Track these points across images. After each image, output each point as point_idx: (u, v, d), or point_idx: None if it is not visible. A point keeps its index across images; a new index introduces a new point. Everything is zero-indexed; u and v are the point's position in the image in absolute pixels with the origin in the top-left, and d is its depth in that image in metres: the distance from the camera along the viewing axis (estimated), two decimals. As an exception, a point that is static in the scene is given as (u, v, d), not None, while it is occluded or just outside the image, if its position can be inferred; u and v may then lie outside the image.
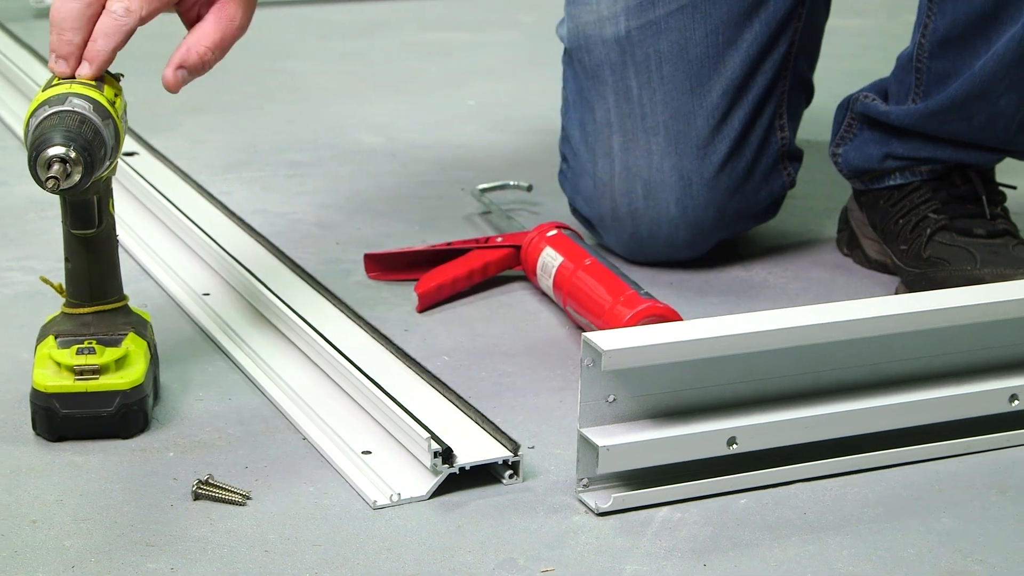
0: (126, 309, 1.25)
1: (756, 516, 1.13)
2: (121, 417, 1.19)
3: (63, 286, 1.24)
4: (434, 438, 1.14)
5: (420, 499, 1.13)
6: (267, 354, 1.34)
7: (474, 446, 1.16)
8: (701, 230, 1.58)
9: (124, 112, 1.21)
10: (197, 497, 1.12)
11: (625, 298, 1.36)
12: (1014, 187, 1.60)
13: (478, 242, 1.56)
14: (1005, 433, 1.24)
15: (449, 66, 2.50)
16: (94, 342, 1.20)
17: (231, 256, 1.50)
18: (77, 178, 1.11)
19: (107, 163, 1.15)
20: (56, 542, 1.06)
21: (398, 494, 1.12)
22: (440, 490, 1.14)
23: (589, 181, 1.61)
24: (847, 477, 1.18)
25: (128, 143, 1.83)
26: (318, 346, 1.30)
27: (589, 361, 1.10)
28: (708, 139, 1.56)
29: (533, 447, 1.21)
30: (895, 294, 1.54)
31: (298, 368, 1.32)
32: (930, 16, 1.51)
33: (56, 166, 1.10)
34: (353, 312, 1.40)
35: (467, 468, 1.14)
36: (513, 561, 1.06)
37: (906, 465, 1.20)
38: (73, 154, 1.10)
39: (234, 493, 1.12)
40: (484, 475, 1.16)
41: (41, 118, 1.12)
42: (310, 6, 2.91)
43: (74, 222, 1.20)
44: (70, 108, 1.13)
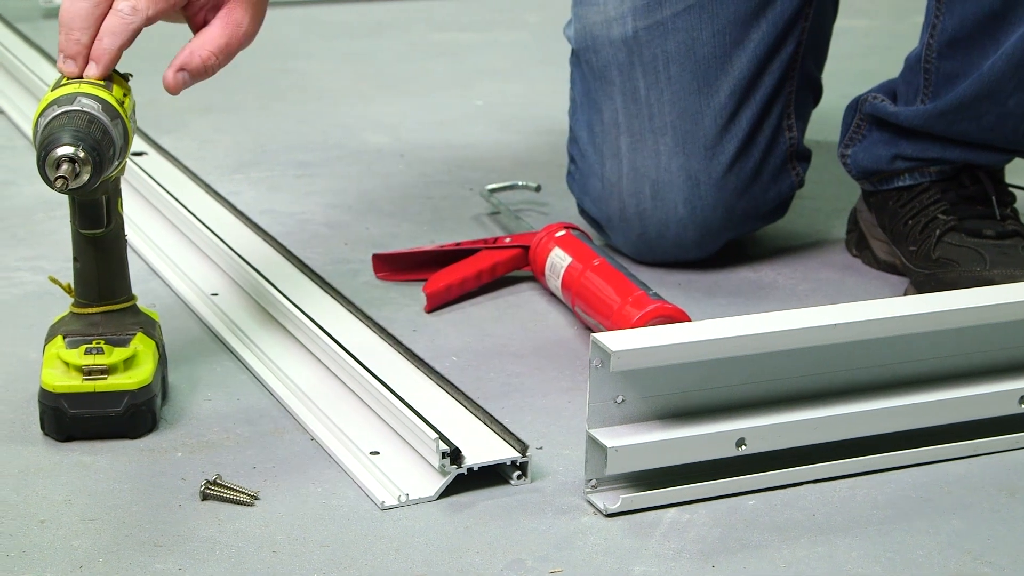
0: (134, 309, 1.25)
1: (765, 517, 1.12)
2: (129, 417, 1.19)
3: (71, 286, 1.24)
4: (442, 439, 1.14)
5: (428, 500, 1.13)
6: (275, 354, 1.34)
7: (482, 447, 1.16)
8: (709, 230, 1.58)
9: (133, 112, 1.21)
10: (205, 497, 1.12)
11: (634, 299, 1.36)
12: None
13: (486, 242, 1.56)
14: (1014, 435, 1.24)
15: (457, 66, 2.50)
16: (102, 342, 1.20)
17: (239, 256, 1.50)
18: (86, 178, 1.11)
19: (116, 163, 1.15)
20: (64, 542, 1.06)
21: (406, 495, 1.12)
22: (448, 491, 1.13)
23: (597, 182, 1.61)
24: (856, 478, 1.18)
25: (137, 143, 1.82)
26: (326, 346, 1.30)
27: (598, 362, 1.10)
28: (716, 139, 1.56)
29: (541, 448, 1.21)
30: (904, 295, 1.53)
31: (306, 368, 1.32)
32: (938, 17, 1.50)
33: (65, 166, 1.10)
34: (361, 312, 1.40)
35: (475, 469, 1.14)
36: (521, 562, 1.06)
37: (915, 467, 1.20)
38: (82, 154, 1.10)
39: (242, 493, 1.12)
40: (492, 476, 1.16)
41: (50, 118, 1.12)
42: (318, 6, 2.91)
43: (83, 222, 1.20)
44: (79, 108, 1.13)
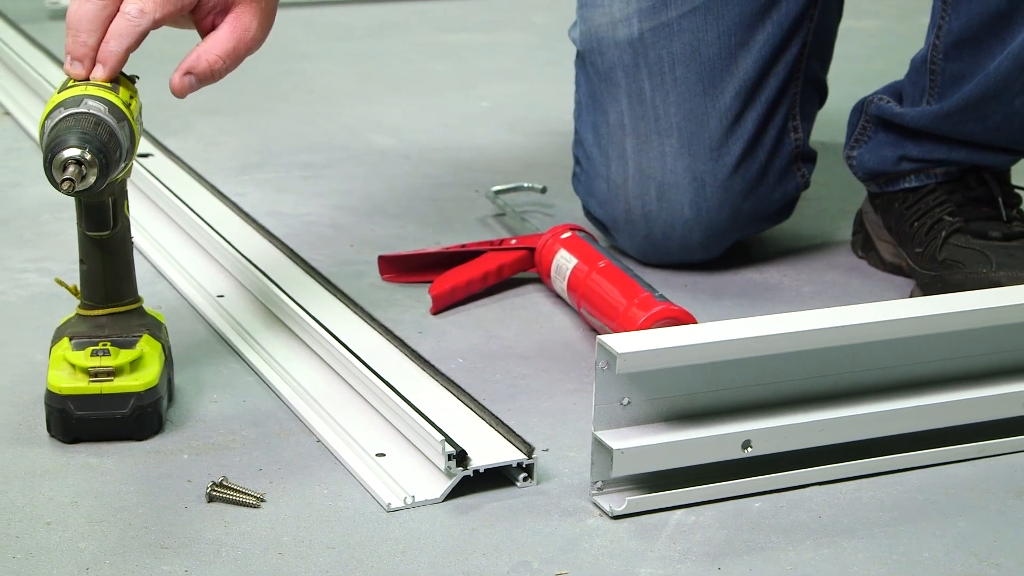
0: (141, 311, 1.25)
1: (771, 519, 1.12)
2: (136, 419, 1.20)
3: (78, 288, 1.24)
4: (448, 440, 1.14)
5: (434, 502, 1.13)
6: (281, 356, 1.34)
7: (488, 449, 1.16)
8: (715, 232, 1.58)
9: (139, 114, 1.21)
10: (211, 499, 1.12)
11: (639, 300, 1.36)
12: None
13: (492, 244, 1.56)
14: (1020, 437, 1.24)
15: (462, 68, 2.50)
16: (109, 344, 1.20)
17: (245, 258, 1.50)
18: (92, 180, 1.11)
19: (122, 165, 1.16)
20: (70, 544, 1.06)
21: (412, 496, 1.12)
22: (454, 492, 1.13)
23: (603, 184, 1.61)
24: (862, 480, 1.18)
25: (143, 145, 1.83)
26: (332, 348, 1.30)
27: (604, 364, 1.10)
28: (722, 140, 1.56)
29: (547, 450, 1.21)
30: (910, 297, 1.53)
31: (312, 370, 1.32)
32: (944, 17, 1.50)
33: (71, 168, 1.10)
34: (367, 314, 1.40)
35: (481, 471, 1.14)
36: (527, 564, 1.06)
37: (921, 469, 1.20)
38: (88, 156, 1.10)
39: (248, 495, 1.12)
40: (498, 478, 1.16)
41: (56, 120, 1.12)
42: (323, 8, 2.91)
43: (89, 224, 1.20)
44: (85, 110, 1.13)
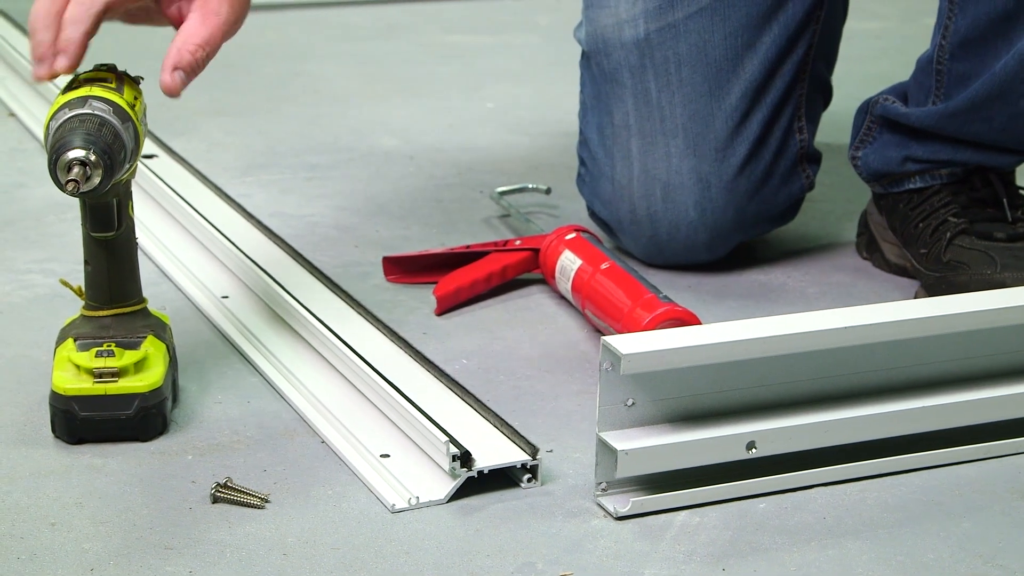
0: (145, 312, 1.25)
1: (775, 520, 1.12)
2: (140, 420, 1.20)
3: (82, 289, 1.24)
4: (452, 441, 1.14)
5: (438, 503, 1.13)
6: (285, 357, 1.34)
7: (492, 449, 1.16)
8: (720, 233, 1.58)
9: (144, 115, 1.21)
10: (216, 500, 1.12)
11: (644, 302, 1.36)
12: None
13: (497, 245, 1.56)
14: (1025, 438, 1.24)
15: (467, 69, 2.50)
16: (113, 345, 1.20)
17: (249, 259, 1.50)
18: (97, 181, 1.11)
19: (127, 166, 1.16)
20: (75, 545, 1.06)
21: (416, 498, 1.12)
22: (458, 494, 1.13)
23: (607, 184, 1.61)
24: (867, 481, 1.18)
25: (147, 146, 1.83)
26: (336, 349, 1.30)
27: (608, 365, 1.10)
28: (727, 141, 1.56)
29: (552, 451, 1.21)
30: (915, 298, 1.53)
31: (316, 371, 1.32)
32: (951, 18, 1.50)
33: (76, 169, 1.10)
34: (371, 315, 1.40)
35: (485, 472, 1.14)
36: (532, 565, 1.06)
37: (926, 469, 1.20)
38: (93, 157, 1.11)
39: (253, 496, 1.12)
40: (502, 479, 1.16)
41: (61, 121, 1.13)
42: (328, 9, 2.91)
43: (94, 224, 1.20)
44: (90, 111, 1.13)
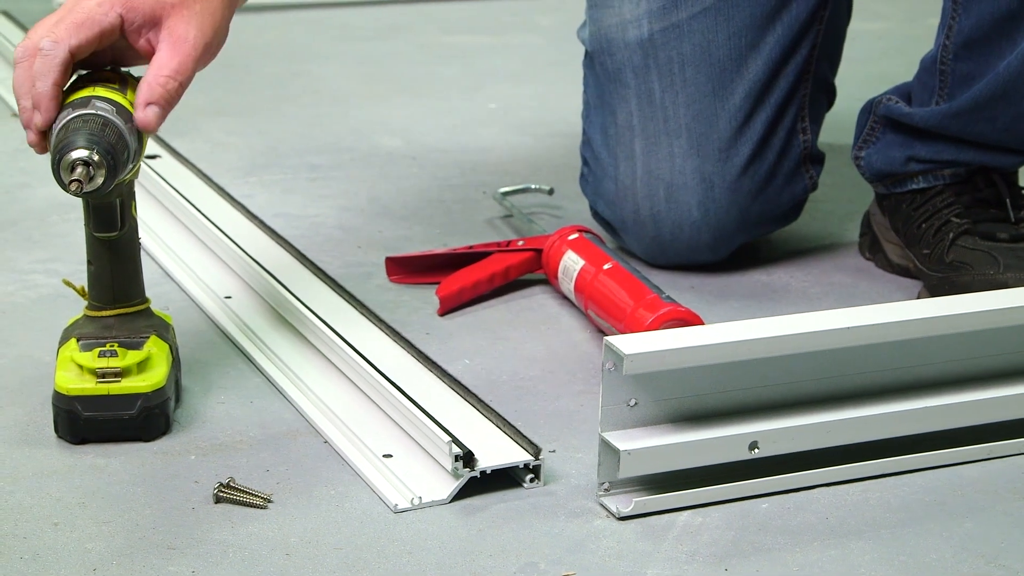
0: (148, 312, 1.25)
1: (778, 520, 1.12)
2: (143, 420, 1.20)
3: (85, 289, 1.24)
4: (455, 442, 1.14)
5: (441, 503, 1.13)
6: (288, 357, 1.34)
7: (495, 450, 1.16)
8: (723, 233, 1.58)
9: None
10: (218, 500, 1.12)
11: (647, 302, 1.36)
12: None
13: (499, 245, 1.56)
14: (1028, 438, 1.24)
15: (469, 69, 2.50)
16: (116, 345, 1.20)
17: (252, 259, 1.50)
18: (100, 181, 1.11)
19: (130, 166, 1.16)
20: (78, 544, 1.06)
21: (419, 498, 1.12)
22: (461, 494, 1.13)
23: (611, 184, 1.61)
24: (869, 482, 1.18)
25: (150, 146, 1.83)
26: (339, 349, 1.30)
27: (611, 365, 1.10)
28: (730, 142, 1.56)
29: (554, 451, 1.21)
30: (917, 298, 1.53)
31: (319, 371, 1.32)
32: (954, 17, 1.50)
33: (79, 169, 1.10)
34: (374, 315, 1.40)
35: (488, 472, 1.14)
36: (534, 565, 1.06)
37: (928, 470, 1.20)
38: (96, 157, 1.11)
39: (255, 496, 1.12)
40: (505, 479, 1.16)
41: (64, 121, 1.13)
42: (330, 9, 2.91)
43: (97, 225, 1.20)
44: (93, 111, 1.13)
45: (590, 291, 1.43)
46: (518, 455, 1.16)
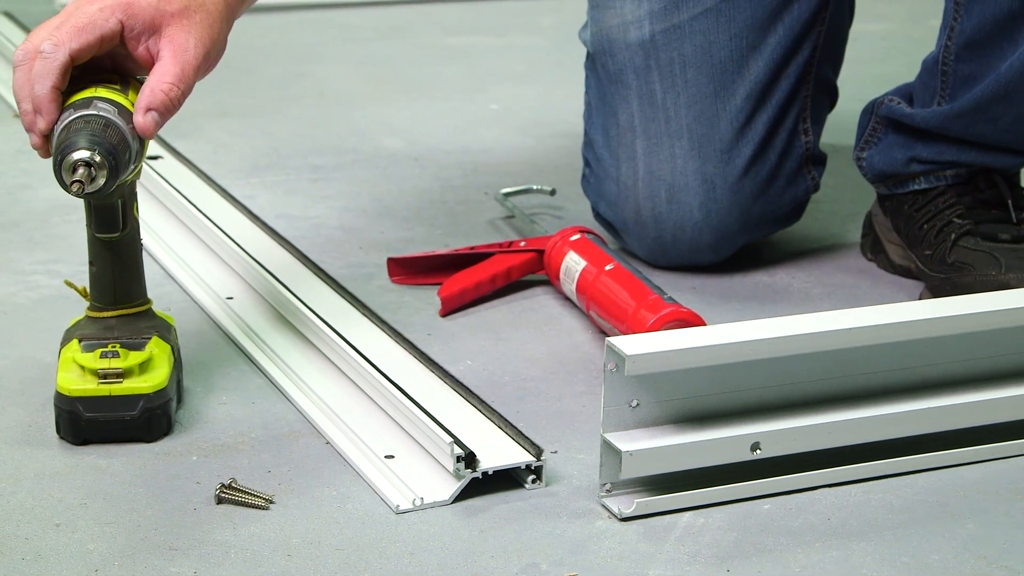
0: (150, 313, 1.25)
1: (780, 521, 1.12)
2: (145, 421, 1.20)
3: (87, 290, 1.24)
4: (457, 442, 1.14)
5: (443, 503, 1.13)
6: (290, 358, 1.35)
7: (497, 451, 1.16)
8: (725, 234, 1.58)
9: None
10: (220, 501, 1.12)
11: (648, 303, 1.36)
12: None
13: (501, 246, 1.56)
14: (1030, 439, 1.24)
15: (472, 70, 2.50)
16: (118, 346, 1.20)
17: (254, 260, 1.50)
18: (102, 182, 1.11)
19: (132, 167, 1.16)
20: (80, 545, 1.06)
21: (421, 498, 1.12)
22: (463, 495, 1.13)
23: (612, 185, 1.61)
24: (871, 483, 1.18)
25: (152, 147, 1.83)
26: (341, 350, 1.30)
27: (612, 366, 1.10)
28: (732, 143, 1.56)
29: (556, 452, 1.21)
30: (919, 299, 1.53)
31: (321, 372, 1.32)
32: (956, 19, 1.50)
33: (81, 170, 1.10)
34: (376, 316, 1.40)
35: (490, 473, 1.14)
36: (536, 566, 1.06)
37: (931, 471, 1.20)
38: (98, 158, 1.11)
39: (257, 497, 1.12)
40: (507, 480, 1.16)
41: (66, 122, 1.13)
42: (333, 10, 2.91)
43: (98, 226, 1.20)
44: (95, 112, 1.13)
45: (592, 292, 1.43)
46: (520, 456, 1.16)
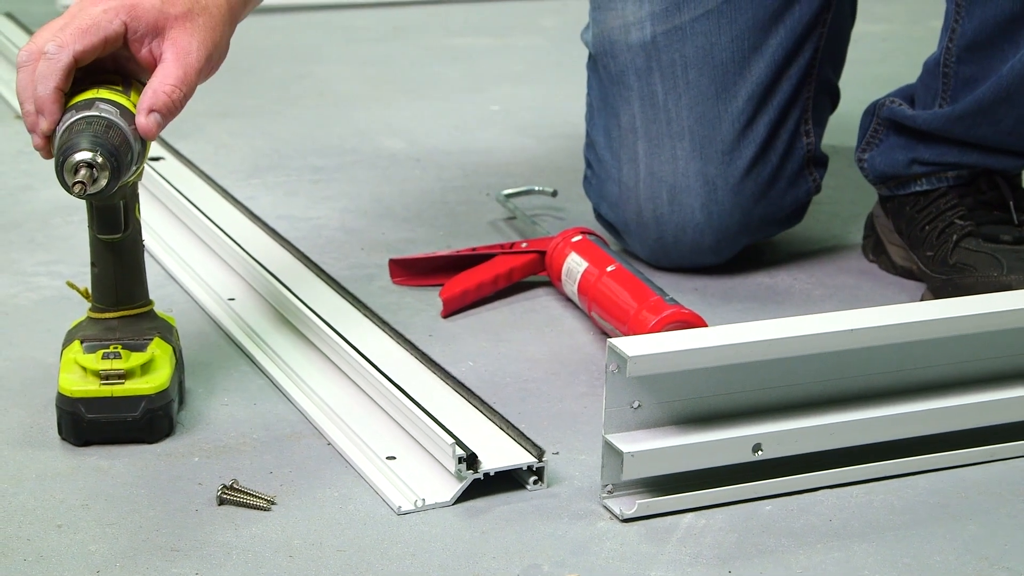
0: (152, 314, 1.25)
1: (781, 523, 1.12)
2: (147, 422, 1.20)
3: (89, 291, 1.24)
4: (459, 444, 1.14)
5: (444, 505, 1.13)
6: (292, 359, 1.35)
7: (498, 452, 1.16)
8: (726, 235, 1.58)
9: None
10: (222, 502, 1.12)
11: (650, 304, 1.36)
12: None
13: (503, 247, 1.56)
14: (1032, 440, 1.24)
15: (473, 71, 2.51)
16: (120, 347, 1.20)
17: (256, 261, 1.50)
18: (104, 183, 1.11)
19: (134, 168, 1.16)
20: (81, 547, 1.06)
21: (423, 500, 1.12)
22: (464, 496, 1.14)
23: (614, 187, 1.61)
24: (873, 484, 1.18)
25: (154, 148, 1.83)
26: (343, 351, 1.30)
27: (614, 367, 1.10)
28: (733, 144, 1.56)
29: (558, 453, 1.21)
30: (921, 301, 1.53)
31: (323, 373, 1.32)
32: (957, 20, 1.50)
33: (83, 171, 1.10)
34: (378, 317, 1.40)
35: (492, 474, 1.14)
36: (538, 567, 1.06)
37: (932, 472, 1.20)
38: (100, 159, 1.11)
39: (259, 498, 1.12)
40: (508, 481, 1.16)
41: (68, 123, 1.13)
42: (335, 11, 2.91)
43: (100, 227, 1.20)
44: (97, 113, 1.13)
45: (593, 293, 1.43)
46: (521, 457, 1.16)
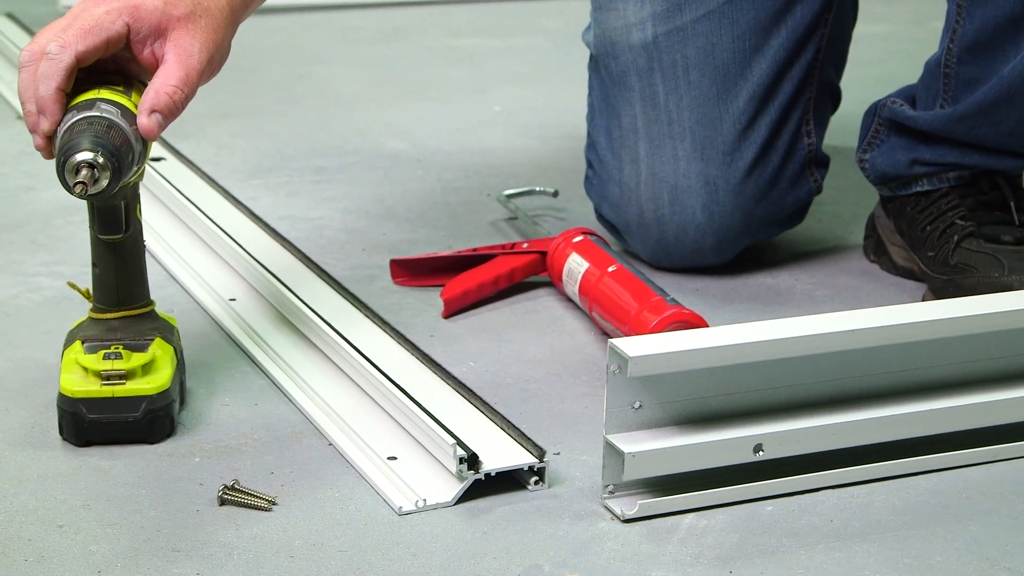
0: (153, 314, 1.25)
1: (782, 523, 1.12)
2: (148, 422, 1.20)
3: (90, 291, 1.24)
4: (460, 444, 1.14)
5: (446, 505, 1.13)
6: (293, 359, 1.35)
7: (500, 452, 1.16)
8: (727, 236, 1.58)
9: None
10: (223, 502, 1.12)
11: (651, 304, 1.36)
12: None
13: (504, 248, 1.56)
14: (1033, 441, 1.24)
15: (475, 72, 2.51)
16: (121, 347, 1.20)
17: (257, 261, 1.50)
18: (105, 183, 1.11)
19: (135, 168, 1.16)
20: (82, 547, 1.06)
21: (424, 500, 1.12)
22: (465, 496, 1.14)
23: (615, 187, 1.61)
24: (874, 484, 1.18)
25: (155, 148, 1.83)
26: (344, 352, 1.30)
27: (615, 367, 1.10)
28: (735, 145, 1.56)
29: (559, 453, 1.21)
30: (922, 301, 1.53)
31: (324, 374, 1.32)
32: (959, 21, 1.50)
33: (84, 171, 1.10)
34: (379, 317, 1.40)
35: (493, 474, 1.14)
36: (539, 567, 1.06)
37: (933, 472, 1.20)
38: (101, 159, 1.11)
39: (260, 499, 1.12)
40: (510, 481, 1.16)
41: (70, 123, 1.13)
42: (336, 12, 2.92)
43: (101, 227, 1.20)
44: (98, 113, 1.13)
45: (595, 293, 1.43)
46: (522, 457, 1.16)
